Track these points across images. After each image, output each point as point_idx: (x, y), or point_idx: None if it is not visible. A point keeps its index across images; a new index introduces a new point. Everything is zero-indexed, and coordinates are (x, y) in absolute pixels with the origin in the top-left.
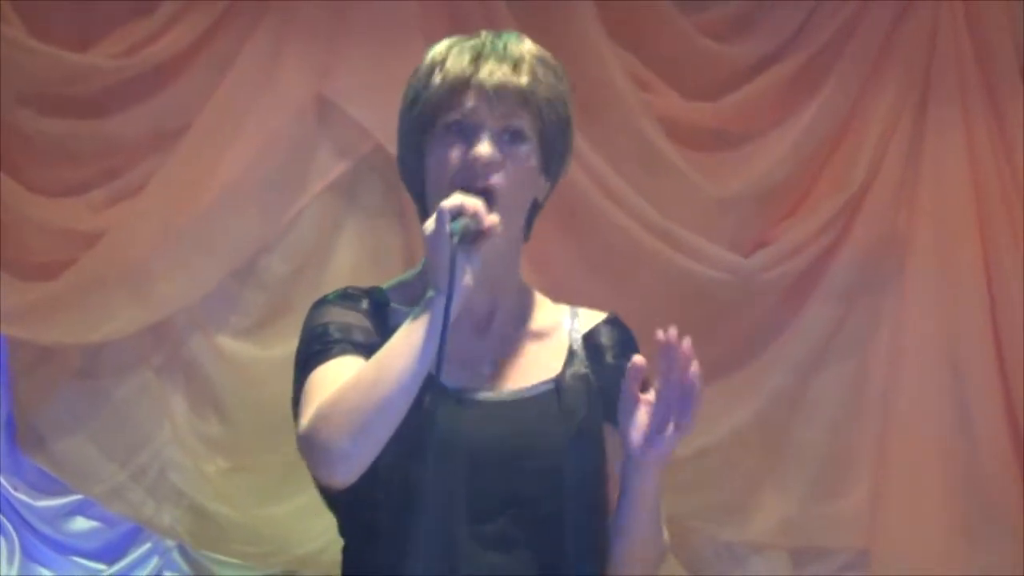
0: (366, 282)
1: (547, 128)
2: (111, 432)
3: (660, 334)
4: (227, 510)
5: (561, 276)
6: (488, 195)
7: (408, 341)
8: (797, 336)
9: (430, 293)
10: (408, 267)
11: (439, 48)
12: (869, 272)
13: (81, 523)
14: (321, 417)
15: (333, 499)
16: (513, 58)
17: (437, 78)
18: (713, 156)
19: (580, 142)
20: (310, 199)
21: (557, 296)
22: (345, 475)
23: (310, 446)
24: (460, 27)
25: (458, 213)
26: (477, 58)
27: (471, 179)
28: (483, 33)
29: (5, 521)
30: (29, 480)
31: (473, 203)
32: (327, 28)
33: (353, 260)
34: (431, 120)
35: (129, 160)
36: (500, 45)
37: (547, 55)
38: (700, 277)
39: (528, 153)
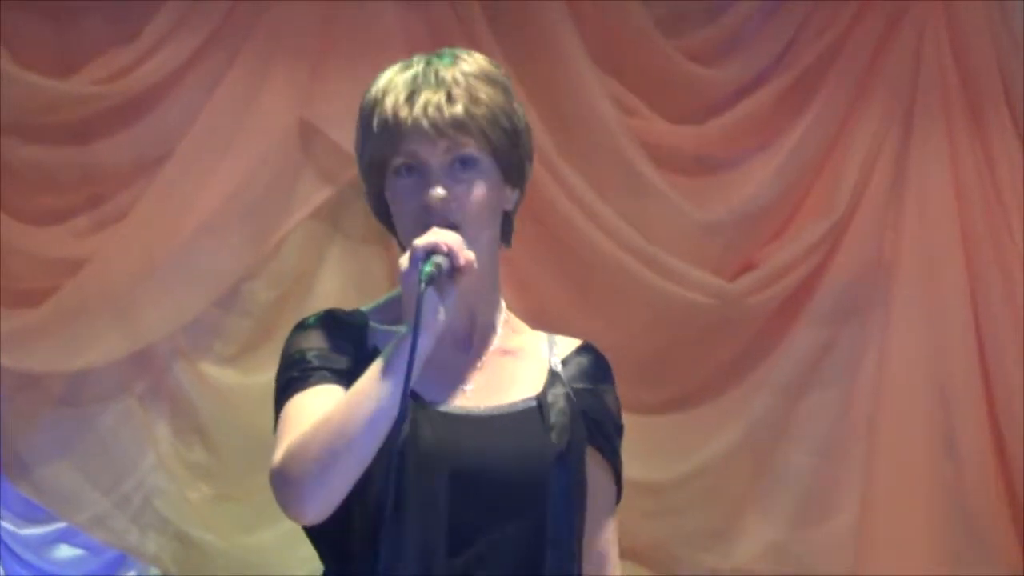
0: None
1: (496, 144)
2: (95, 459)
3: None
4: (212, 537)
5: (545, 301)
6: (454, 229)
7: (378, 380)
8: (782, 360)
9: (403, 330)
10: None
11: (380, 84)
12: (855, 296)
13: (66, 551)
14: (291, 455)
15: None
16: (446, 85)
17: (376, 121)
18: (697, 180)
19: (563, 166)
20: (294, 225)
21: (541, 321)
22: (313, 513)
23: (280, 483)
24: None
25: (432, 251)
26: (411, 94)
27: (434, 221)
28: (415, 60)
29: None
30: (13, 508)
31: (448, 240)
32: (310, 54)
33: (337, 286)
34: (381, 163)
35: (112, 187)
36: (431, 73)
37: (486, 67)
38: (685, 301)
39: (483, 176)
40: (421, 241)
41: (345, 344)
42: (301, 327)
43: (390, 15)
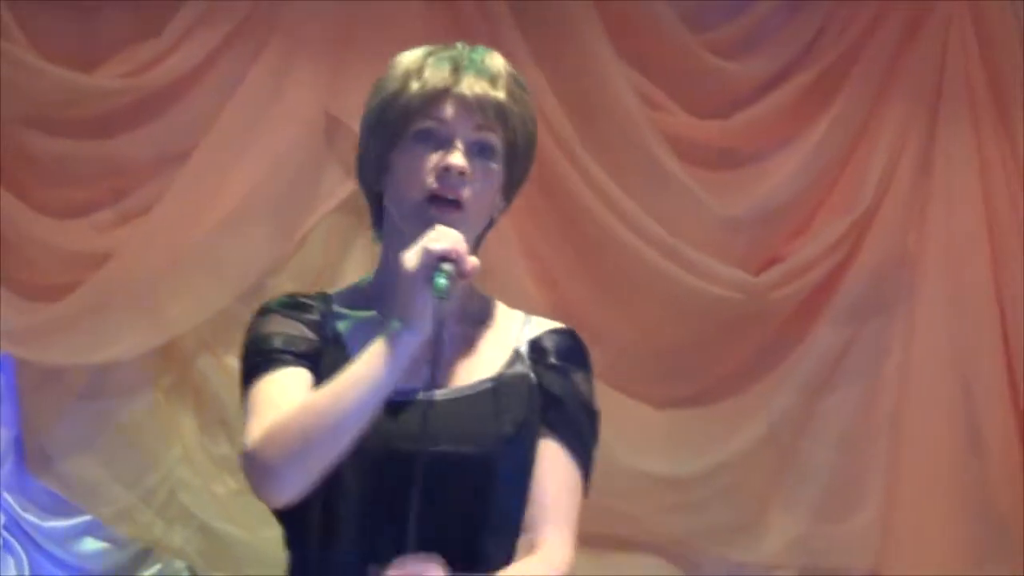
0: None
1: (517, 145)
2: (120, 453)
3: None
4: (237, 531)
5: (568, 294)
6: (456, 207)
7: (367, 371)
8: (807, 355)
9: (395, 324)
10: None
11: (414, 56)
12: (879, 291)
13: (90, 544)
14: (269, 437)
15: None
16: (491, 73)
17: (415, 85)
18: (722, 174)
19: (587, 159)
20: (318, 219)
21: (563, 314)
22: (284, 496)
23: (254, 465)
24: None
25: (444, 257)
26: (456, 69)
27: (443, 189)
28: (458, 45)
29: (14, 541)
30: (38, 500)
31: (457, 246)
32: (334, 47)
33: None
34: (403, 126)
35: (136, 181)
36: (478, 59)
37: (518, 73)
38: (709, 296)
39: (496, 170)
40: (436, 246)
41: (307, 328)
42: (264, 311)
43: (414, 9)
